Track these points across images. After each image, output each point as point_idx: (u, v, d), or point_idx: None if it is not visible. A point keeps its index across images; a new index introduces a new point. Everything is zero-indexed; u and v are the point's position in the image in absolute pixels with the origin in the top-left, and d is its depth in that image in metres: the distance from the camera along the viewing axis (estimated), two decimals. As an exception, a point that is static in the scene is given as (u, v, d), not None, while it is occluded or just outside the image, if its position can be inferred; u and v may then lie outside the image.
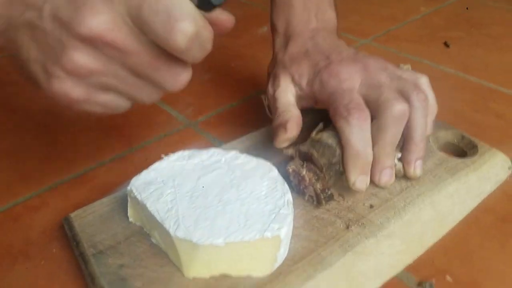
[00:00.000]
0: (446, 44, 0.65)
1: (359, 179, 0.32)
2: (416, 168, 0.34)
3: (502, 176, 0.39)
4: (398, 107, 0.32)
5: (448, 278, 0.31)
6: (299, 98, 0.39)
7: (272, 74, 0.41)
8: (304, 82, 0.38)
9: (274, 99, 0.38)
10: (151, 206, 0.30)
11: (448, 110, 0.49)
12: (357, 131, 0.32)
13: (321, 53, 0.38)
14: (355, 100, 0.33)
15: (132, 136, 0.47)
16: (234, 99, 0.54)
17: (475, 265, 0.32)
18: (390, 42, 0.67)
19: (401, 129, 0.33)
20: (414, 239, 0.32)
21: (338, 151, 0.34)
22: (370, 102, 0.34)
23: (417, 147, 0.34)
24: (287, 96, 0.38)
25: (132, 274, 0.29)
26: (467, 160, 0.39)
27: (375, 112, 0.33)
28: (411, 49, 0.64)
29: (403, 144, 0.35)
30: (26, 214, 0.37)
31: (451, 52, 0.64)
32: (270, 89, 0.40)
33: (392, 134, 0.33)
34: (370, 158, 0.33)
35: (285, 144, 0.36)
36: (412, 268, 0.31)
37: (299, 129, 0.37)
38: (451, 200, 0.35)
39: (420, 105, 0.33)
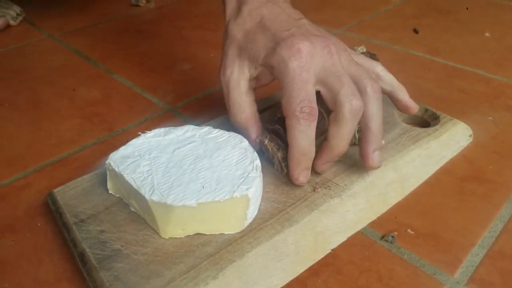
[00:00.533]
0: (415, 31, 0.68)
1: (302, 175, 0.33)
2: (374, 159, 0.34)
3: (463, 143, 0.42)
4: (356, 103, 0.32)
5: (410, 231, 0.33)
6: (256, 79, 0.37)
7: (225, 55, 0.38)
8: (260, 59, 0.35)
9: (227, 90, 0.37)
10: (128, 176, 0.32)
11: (414, 88, 0.52)
12: (305, 130, 0.32)
13: (279, 23, 0.36)
14: (309, 97, 0.32)
15: (114, 122, 0.49)
16: (212, 86, 0.56)
17: (435, 219, 0.34)
18: (363, 31, 0.69)
19: (356, 123, 0.33)
20: (378, 198, 0.35)
21: None
22: (328, 91, 0.33)
23: (375, 137, 0.33)
24: (239, 88, 0.37)
25: (112, 238, 0.31)
26: (429, 129, 0.41)
27: (333, 104, 0.33)
28: (382, 36, 0.67)
29: (361, 136, 0.34)
30: (12, 194, 0.39)
31: (420, 37, 0.66)
32: (221, 77, 0.38)
33: (350, 128, 0.33)
34: (313, 155, 0.33)
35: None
36: (375, 224, 0.34)
37: (259, 126, 0.37)
38: (413, 164, 0.38)
39: (376, 96, 0.33)
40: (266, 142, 0.35)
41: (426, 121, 0.44)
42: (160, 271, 0.28)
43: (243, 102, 0.37)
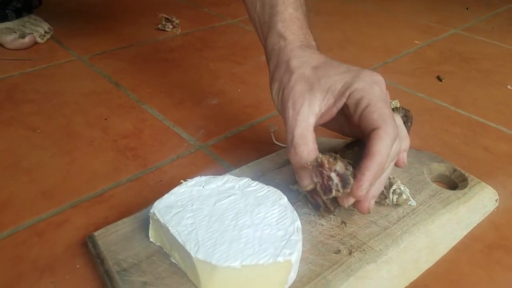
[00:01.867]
0: (439, 78, 0.69)
1: (367, 189, 0.33)
2: (372, 204, 0.35)
3: (490, 207, 0.43)
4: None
5: (440, 301, 0.34)
6: (322, 115, 0.37)
7: (291, 90, 0.38)
8: (337, 89, 0.36)
9: (293, 123, 0.37)
10: (173, 229, 0.33)
11: (440, 142, 0.54)
12: (392, 144, 0.34)
13: (340, 64, 0.38)
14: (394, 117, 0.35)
15: (147, 158, 0.50)
16: (241, 124, 0.57)
17: (464, 290, 0.35)
18: (387, 74, 0.71)
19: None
20: (410, 264, 0.36)
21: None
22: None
23: (381, 185, 0.36)
24: (308, 120, 0.36)
25: (155, 291, 0.32)
26: (458, 193, 0.42)
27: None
28: (407, 82, 0.68)
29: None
30: (50, 230, 0.40)
31: (443, 86, 0.68)
32: (289, 111, 0.37)
33: (394, 146, 0.35)
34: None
35: (313, 186, 0.36)
36: (407, 292, 0.35)
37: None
38: (443, 229, 0.39)
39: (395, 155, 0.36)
40: (320, 156, 0.34)
41: (454, 181, 0.45)
42: (204, 331, 0.29)
43: (309, 136, 0.36)
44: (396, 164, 0.38)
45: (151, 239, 0.36)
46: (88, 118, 0.57)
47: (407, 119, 0.45)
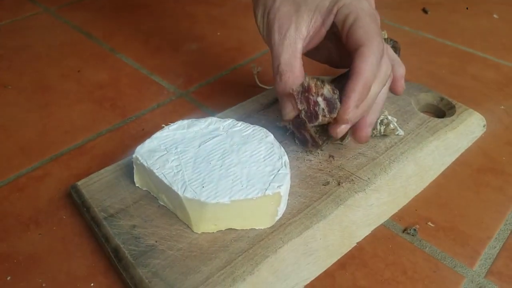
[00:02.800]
0: (424, 10, 0.67)
1: (354, 112, 0.32)
2: (369, 132, 0.35)
3: (478, 133, 0.43)
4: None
5: (430, 224, 0.34)
6: (311, 38, 0.35)
7: (277, 12, 0.35)
8: (326, 6, 0.34)
9: (280, 49, 0.35)
10: (158, 172, 0.32)
11: (428, 73, 0.53)
12: (378, 63, 0.32)
13: None
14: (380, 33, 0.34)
15: (126, 108, 0.48)
16: (223, 69, 0.55)
17: (454, 212, 0.35)
18: (372, 8, 0.68)
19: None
20: (399, 191, 0.36)
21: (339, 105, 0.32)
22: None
23: (378, 108, 0.35)
24: (295, 46, 0.34)
25: (145, 233, 0.31)
26: (446, 120, 0.42)
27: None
28: (392, 15, 0.66)
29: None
30: (31, 184, 0.39)
31: (429, 18, 0.66)
32: (275, 35, 0.35)
33: (381, 66, 0.34)
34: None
35: (294, 114, 0.35)
36: (397, 217, 0.35)
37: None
38: (431, 156, 0.38)
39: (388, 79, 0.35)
40: (307, 80, 0.32)
41: (442, 110, 0.44)
42: (197, 266, 0.29)
43: (296, 63, 0.35)
44: (394, 91, 0.37)
45: (137, 185, 0.35)
46: (61, 70, 0.54)
47: (395, 50, 0.44)
